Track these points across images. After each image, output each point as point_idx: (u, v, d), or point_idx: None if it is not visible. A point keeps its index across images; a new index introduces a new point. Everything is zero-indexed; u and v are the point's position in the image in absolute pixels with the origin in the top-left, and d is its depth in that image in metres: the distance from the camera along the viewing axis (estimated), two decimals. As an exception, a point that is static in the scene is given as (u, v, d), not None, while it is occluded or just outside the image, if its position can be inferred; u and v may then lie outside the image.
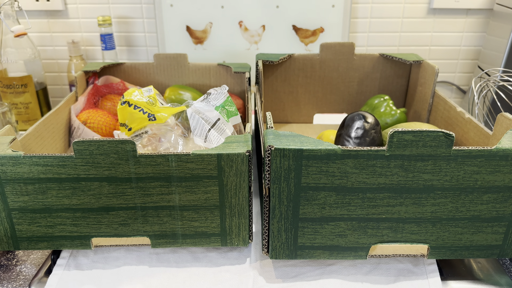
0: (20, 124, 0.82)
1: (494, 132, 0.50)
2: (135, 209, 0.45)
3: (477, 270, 0.49)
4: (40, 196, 0.43)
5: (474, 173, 0.41)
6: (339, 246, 0.45)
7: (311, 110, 0.81)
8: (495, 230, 0.44)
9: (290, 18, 0.92)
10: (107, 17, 0.85)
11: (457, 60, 0.96)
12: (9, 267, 0.49)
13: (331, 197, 0.42)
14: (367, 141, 0.58)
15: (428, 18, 0.92)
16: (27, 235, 0.46)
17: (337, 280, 0.46)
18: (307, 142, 0.40)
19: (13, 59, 0.77)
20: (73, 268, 0.48)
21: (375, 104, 0.72)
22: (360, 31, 0.94)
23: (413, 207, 0.43)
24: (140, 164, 0.42)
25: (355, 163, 0.40)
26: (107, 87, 0.74)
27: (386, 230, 0.44)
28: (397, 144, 0.39)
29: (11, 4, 0.75)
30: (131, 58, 0.97)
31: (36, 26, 0.93)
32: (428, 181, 0.41)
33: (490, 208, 0.43)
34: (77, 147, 0.41)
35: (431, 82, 0.68)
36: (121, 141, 0.41)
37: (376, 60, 0.76)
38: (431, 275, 0.47)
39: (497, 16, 0.85)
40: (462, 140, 0.58)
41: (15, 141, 0.47)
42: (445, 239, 0.45)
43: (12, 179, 0.43)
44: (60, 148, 0.63)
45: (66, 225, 0.45)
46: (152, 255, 0.50)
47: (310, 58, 0.76)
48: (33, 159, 0.42)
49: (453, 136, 0.39)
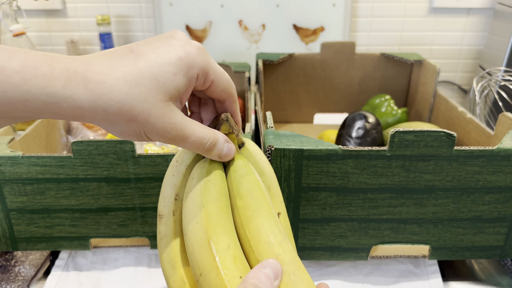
0: (19, 124, 0.81)
1: (495, 132, 0.50)
2: (134, 209, 0.44)
3: (478, 271, 0.49)
4: (39, 196, 0.43)
5: (476, 173, 0.41)
6: (340, 247, 0.45)
7: (312, 109, 0.81)
8: (496, 231, 0.44)
9: (291, 17, 0.91)
10: (106, 16, 0.84)
11: (459, 59, 0.95)
12: (7, 268, 0.48)
13: (331, 197, 0.42)
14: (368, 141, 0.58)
15: (429, 18, 0.92)
16: (25, 236, 0.45)
17: (338, 281, 0.46)
18: (307, 142, 0.40)
19: (12, 59, 0.77)
20: (71, 269, 0.48)
21: (376, 104, 0.72)
22: (361, 31, 0.93)
23: (415, 207, 0.42)
24: (139, 165, 0.42)
25: (356, 163, 0.40)
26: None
27: (387, 230, 0.44)
28: (398, 144, 0.39)
29: (10, 4, 0.75)
30: (131, 58, 0.97)
31: (34, 26, 0.93)
32: (429, 182, 0.41)
33: (491, 209, 0.42)
34: (76, 147, 0.41)
35: (432, 82, 0.68)
36: (120, 141, 0.41)
37: (377, 60, 0.76)
38: (432, 276, 0.47)
39: (498, 15, 0.84)
40: (463, 140, 0.58)
41: (14, 141, 0.47)
42: (446, 240, 0.44)
43: (11, 180, 0.42)
44: (59, 148, 0.63)
45: (64, 226, 0.45)
46: (151, 256, 0.49)
47: (310, 58, 0.76)
48: (32, 159, 0.41)
49: (454, 136, 0.39)
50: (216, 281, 0.26)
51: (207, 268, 0.27)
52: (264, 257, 0.27)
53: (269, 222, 0.29)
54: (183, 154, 0.33)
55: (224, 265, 0.26)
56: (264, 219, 0.29)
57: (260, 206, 0.29)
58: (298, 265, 0.27)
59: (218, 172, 0.31)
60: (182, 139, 0.28)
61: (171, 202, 0.32)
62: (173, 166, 0.33)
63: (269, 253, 0.27)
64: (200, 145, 0.29)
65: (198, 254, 0.27)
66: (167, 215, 0.32)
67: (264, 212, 0.29)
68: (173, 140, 0.27)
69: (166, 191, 0.32)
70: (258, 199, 0.30)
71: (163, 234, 0.32)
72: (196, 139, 0.28)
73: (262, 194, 0.30)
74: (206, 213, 0.28)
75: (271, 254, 0.27)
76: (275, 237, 0.28)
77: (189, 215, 0.29)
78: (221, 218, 0.29)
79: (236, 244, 0.28)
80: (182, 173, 0.32)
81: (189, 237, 0.28)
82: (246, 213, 0.29)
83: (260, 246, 0.27)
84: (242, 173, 0.31)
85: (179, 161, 0.33)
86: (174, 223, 0.32)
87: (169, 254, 0.32)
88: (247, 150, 0.34)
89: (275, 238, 0.28)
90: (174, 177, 0.32)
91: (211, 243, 0.27)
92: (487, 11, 0.90)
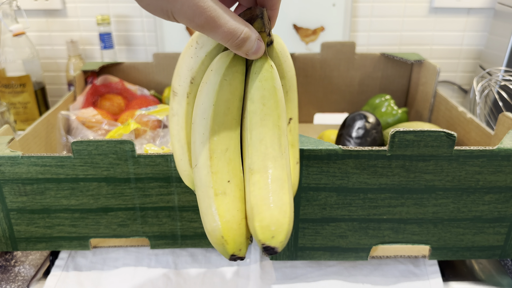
0: (19, 124, 0.81)
1: (495, 132, 0.50)
2: (134, 209, 0.44)
3: (478, 271, 0.49)
4: (39, 196, 0.43)
5: (476, 173, 0.41)
6: (340, 247, 0.45)
7: (312, 109, 0.81)
8: (496, 231, 0.44)
9: (290, 17, 0.91)
10: (106, 16, 0.84)
11: (459, 59, 0.95)
12: (7, 268, 0.48)
13: (332, 197, 0.42)
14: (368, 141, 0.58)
15: (429, 17, 0.91)
16: (25, 236, 0.45)
17: (338, 281, 0.46)
18: (307, 142, 0.40)
19: (11, 59, 0.77)
20: (71, 269, 0.48)
21: (376, 104, 0.72)
22: (361, 30, 0.93)
23: (415, 207, 0.42)
24: (139, 165, 0.42)
25: (356, 163, 0.40)
26: (106, 86, 0.74)
27: (387, 230, 0.44)
28: (398, 144, 0.39)
29: (10, 3, 0.75)
30: (130, 58, 0.97)
31: (34, 25, 0.92)
32: (429, 182, 0.41)
33: (491, 209, 0.42)
34: (76, 147, 0.41)
35: (433, 82, 0.68)
36: (120, 141, 0.41)
37: (377, 60, 0.76)
38: (432, 276, 0.47)
39: (498, 15, 0.84)
40: (463, 140, 0.58)
41: (14, 141, 0.47)
42: (446, 240, 0.44)
43: (11, 180, 0.42)
44: (59, 148, 0.63)
45: (64, 226, 0.45)
46: (151, 256, 0.49)
47: (310, 58, 0.76)
48: (32, 159, 0.41)
49: (454, 136, 0.39)
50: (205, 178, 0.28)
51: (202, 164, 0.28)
52: (255, 166, 0.28)
53: (272, 133, 0.29)
54: (204, 37, 0.31)
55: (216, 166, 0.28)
56: (269, 129, 0.29)
57: (268, 115, 0.29)
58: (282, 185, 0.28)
59: (239, 70, 0.30)
60: (212, 28, 0.25)
61: (186, 83, 0.32)
62: (192, 47, 0.32)
63: (260, 164, 0.28)
64: (230, 38, 0.26)
65: (198, 148, 0.29)
66: (181, 94, 0.32)
67: (271, 122, 0.29)
68: (202, 27, 0.25)
69: (182, 71, 0.32)
70: (269, 108, 0.29)
71: (175, 111, 0.33)
72: (227, 30, 0.25)
73: (276, 104, 0.29)
74: (214, 112, 0.29)
75: (262, 166, 0.28)
76: (273, 150, 0.28)
77: (199, 108, 0.29)
78: (227, 120, 0.29)
79: (235, 147, 0.29)
80: (201, 58, 0.31)
81: (194, 128, 0.30)
82: (253, 119, 0.29)
83: (255, 155, 0.28)
84: (262, 78, 0.30)
85: (200, 43, 0.31)
86: (187, 105, 0.32)
87: (179, 133, 0.33)
88: (274, 50, 0.32)
89: (272, 151, 0.28)
90: (192, 60, 0.31)
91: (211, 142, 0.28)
92: (487, 11, 0.90)
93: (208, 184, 0.28)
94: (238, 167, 0.29)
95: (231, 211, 0.28)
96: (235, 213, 0.28)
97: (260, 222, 0.26)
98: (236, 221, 0.28)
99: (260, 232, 0.26)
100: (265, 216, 0.26)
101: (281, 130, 0.29)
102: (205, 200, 0.28)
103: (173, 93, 0.33)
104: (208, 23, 0.24)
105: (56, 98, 1.00)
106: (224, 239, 0.27)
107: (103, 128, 0.63)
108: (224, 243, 0.28)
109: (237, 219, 0.28)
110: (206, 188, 0.28)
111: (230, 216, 0.28)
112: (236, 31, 0.26)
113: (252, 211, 0.27)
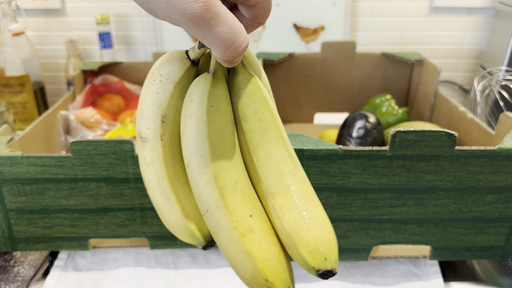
0: (18, 123, 0.81)
1: (496, 131, 0.50)
2: (133, 210, 0.44)
3: (479, 272, 0.48)
4: (38, 196, 0.43)
5: (477, 173, 0.40)
6: (340, 247, 0.45)
7: (312, 109, 0.81)
8: (497, 231, 0.43)
9: (291, 16, 0.91)
10: (105, 16, 0.84)
11: (459, 59, 0.95)
12: (6, 268, 0.48)
13: (332, 197, 0.42)
14: (369, 141, 0.58)
15: (430, 17, 0.91)
16: (24, 236, 0.45)
17: (338, 282, 0.46)
18: (308, 142, 0.40)
19: (10, 58, 0.77)
20: (71, 270, 0.48)
21: (377, 104, 0.72)
22: (361, 30, 0.93)
23: (415, 207, 0.42)
24: (138, 165, 0.42)
25: (356, 163, 0.40)
26: (105, 86, 0.74)
27: (388, 231, 0.44)
28: (399, 144, 0.39)
29: (9, 3, 0.75)
30: (130, 57, 0.96)
31: (33, 25, 0.92)
32: (430, 182, 0.41)
33: (492, 209, 0.42)
34: (75, 147, 0.41)
35: (433, 82, 0.67)
36: (119, 141, 0.40)
37: (378, 59, 0.75)
38: (433, 276, 0.46)
39: (499, 15, 0.84)
40: (464, 140, 0.58)
41: (13, 141, 0.47)
42: (447, 240, 0.44)
43: (10, 180, 0.42)
44: (58, 148, 0.63)
45: (64, 226, 0.45)
46: (151, 256, 0.49)
47: (311, 57, 0.75)
48: (31, 159, 0.41)
49: (455, 136, 0.38)
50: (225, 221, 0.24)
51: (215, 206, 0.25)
52: (274, 188, 0.25)
53: (279, 147, 0.26)
54: (167, 67, 0.27)
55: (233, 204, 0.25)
56: (273, 144, 0.26)
57: (268, 130, 0.26)
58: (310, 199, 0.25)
59: (222, 92, 0.27)
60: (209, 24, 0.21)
61: (156, 124, 0.27)
62: (156, 81, 0.27)
63: (279, 184, 0.25)
64: (228, 39, 0.22)
65: (204, 190, 0.25)
66: (153, 139, 0.28)
67: (274, 136, 0.26)
68: (196, 23, 0.20)
69: (149, 111, 0.27)
70: (266, 122, 0.26)
71: (150, 160, 0.28)
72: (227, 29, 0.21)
73: (271, 116, 0.27)
74: (210, 145, 0.25)
75: (282, 185, 0.25)
76: (286, 165, 0.25)
77: (191, 146, 0.26)
78: (226, 149, 0.26)
79: (244, 176, 0.26)
80: (169, 91, 0.27)
81: (192, 170, 0.26)
82: (253, 138, 0.26)
83: (269, 177, 0.25)
84: (249, 92, 0.27)
85: (164, 75, 0.27)
86: (164, 148, 0.28)
87: (160, 184, 0.28)
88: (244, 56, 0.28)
89: (286, 167, 0.25)
90: (158, 95, 0.27)
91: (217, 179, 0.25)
92: (488, 10, 0.90)
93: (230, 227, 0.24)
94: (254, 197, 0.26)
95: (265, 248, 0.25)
96: (270, 248, 0.25)
97: (306, 247, 0.24)
98: (275, 257, 0.25)
99: (309, 258, 0.24)
100: (309, 239, 0.24)
101: (285, 141, 0.27)
102: (232, 246, 0.25)
103: (141, 140, 0.28)
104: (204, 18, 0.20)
105: (55, 98, 1.00)
106: (270, 281, 0.24)
107: (103, 128, 0.63)
108: (271, 286, 0.25)
109: (275, 255, 0.25)
110: (229, 232, 0.25)
111: (267, 253, 0.24)
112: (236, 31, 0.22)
113: (291, 238, 0.24)
